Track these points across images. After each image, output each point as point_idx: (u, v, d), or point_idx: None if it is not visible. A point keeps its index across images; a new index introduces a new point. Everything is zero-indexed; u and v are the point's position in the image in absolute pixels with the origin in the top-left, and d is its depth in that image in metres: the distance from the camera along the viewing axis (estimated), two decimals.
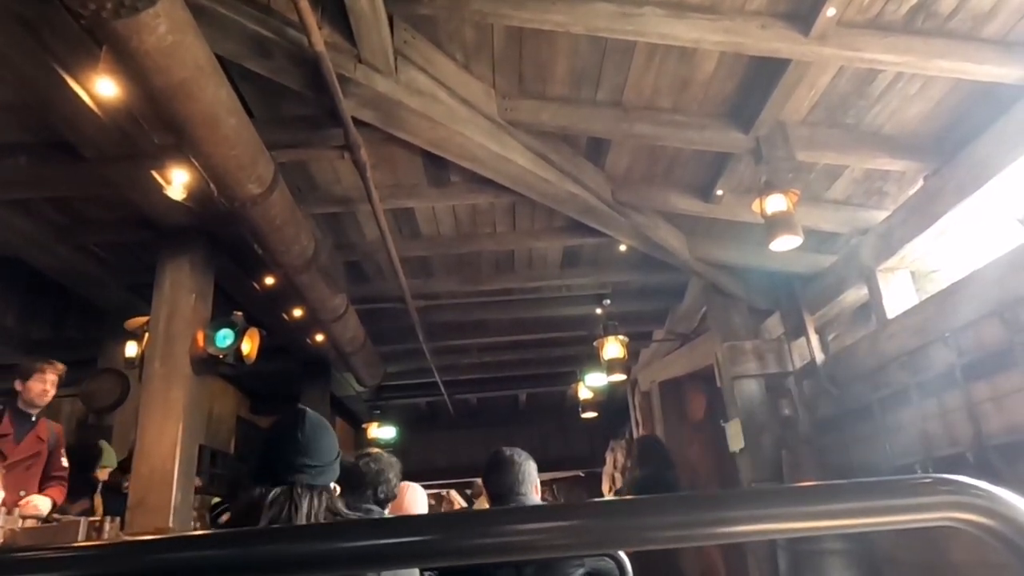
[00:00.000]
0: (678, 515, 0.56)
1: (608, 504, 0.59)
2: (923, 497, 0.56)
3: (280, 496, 1.53)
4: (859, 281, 4.37)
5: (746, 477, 5.21)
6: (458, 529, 0.56)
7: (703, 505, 0.58)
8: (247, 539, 0.57)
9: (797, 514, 0.56)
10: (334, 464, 1.68)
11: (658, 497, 0.57)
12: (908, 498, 0.56)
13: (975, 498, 0.54)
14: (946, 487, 0.55)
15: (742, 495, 0.65)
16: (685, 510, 0.57)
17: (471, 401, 10.20)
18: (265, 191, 3.18)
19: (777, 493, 0.62)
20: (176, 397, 3.71)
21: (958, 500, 0.54)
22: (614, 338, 6.10)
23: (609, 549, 1.83)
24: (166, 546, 0.54)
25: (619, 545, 0.96)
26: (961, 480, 0.55)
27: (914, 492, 0.56)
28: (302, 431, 1.63)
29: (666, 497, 0.58)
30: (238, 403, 8.44)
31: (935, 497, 0.55)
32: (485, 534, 0.55)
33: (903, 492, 0.57)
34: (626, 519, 0.56)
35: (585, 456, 11.33)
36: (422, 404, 10.00)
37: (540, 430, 11.33)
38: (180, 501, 3.57)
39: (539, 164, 3.84)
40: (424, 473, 11.25)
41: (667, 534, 0.58)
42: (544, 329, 7.04)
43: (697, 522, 0.56)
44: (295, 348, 6.59)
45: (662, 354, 7.64)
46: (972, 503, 0.54)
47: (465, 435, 11.31)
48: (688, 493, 0.81)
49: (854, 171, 3.95)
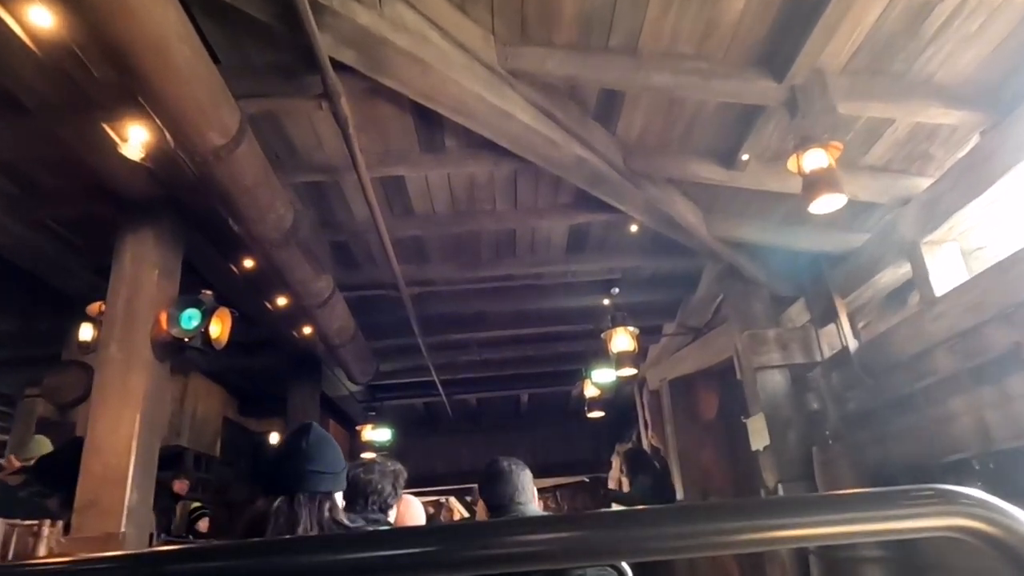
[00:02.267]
0: (677, 526, 0.57)
1: (609, 515, 0.58)
2: (923, 507, 0.56)
3: (282, 505, 1.59)
4: (899, 258, 3.95)
5: (770, 477, 4.76)
6: (459, 540, 0.56)
7: (703, 516, 0.59)
8: (236, 552, 0.57)
9: (797, 525, 0.57)
10: (339, 475, 1.74)
11: (658, 508, 0.59)
12: (908, 509, 0.57)
13: (976, 509, 0.55)
14: (946, 498, 0.56)
15: (742, 506, 0.60)
16: (684, 521, 0.58)
17: (470, 403, 9.75)
18: (230, 142, 2.76)
19: (778, 504, 0.64)
20: (134, 385, 3.28)
21: (959, 511, 0.55)
22: (623, 329, 5.67)
23: (611, 560, 1.72)
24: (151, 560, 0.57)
25: (621, 556, 0.90)
26: (961, 491, 0.56)
27: (914, 503, 0.57)
28: (307, 440, 1.71)
29: (665, 508, 0.58)
30: (224, 404, 8.00)
31: (935, 507, 0.56)
32: (488, 545, 0.55)
33: (903, 503, 0.57)
34: (627, 530, 0.56)
35: (589, 461, 10.87)
36: (419, 406, 9.54)
37: (542, 434, 10.87)
38: (136, 502, 3.13)
39: (543, 122, 3.43)
40: (422, 479, 10.79)
41: (666, 544, 0.58)
42: (547, 322, 6.61)
43: (696, 533, 0.57)
44: (282, 342, 6.16)
45: (672, 350, 7.20)
46: (973, 513, 0.54)
47: (464, 439, 10.86)
48: (688, 504, 0.74)
49: (897, 130, 3.53)
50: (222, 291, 3.97)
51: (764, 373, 4.74)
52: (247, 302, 5.27)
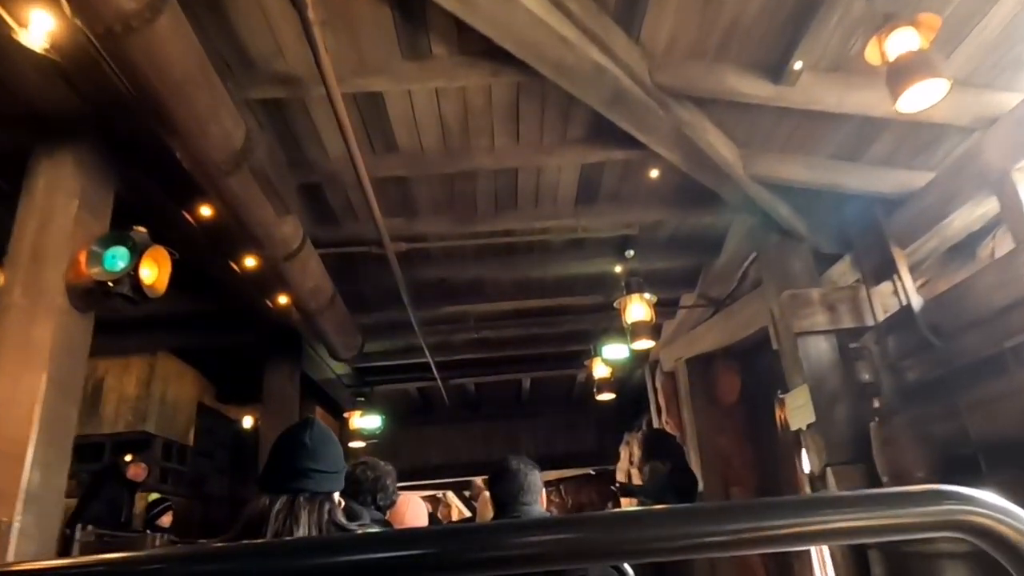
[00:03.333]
0: (681, 527, 0.57)
1: (614, 515, 0.59)
2: (926, 508, 0.57)
3: (283, 506, 1.58)
4: (979, 192, 3.29)
5: (816, 461, 4.09)
6: (478, 540, 0.56)
7: (705, 517, 0.58)
8: (236, 554, 0.57)
9: (799, 525, 0.57)
10: (339, 474, 1.74)
11: (661, 509, 0.59)
12: (911, 508, 0.57)
13: (982, 509, 0.55)
14: (952, 499, 0.56)
15: (744, 507, 0.62)
16: (687, 522, 0.58)
17: (468, 389, 9.08)
18: (144, 7, 2.09)
19: (783, 505, 0.60)
20: (40, 337, 2.61)
21: (965, 511, 0.55)
22: (639, 297, 5.00)
23: (613, 561, 1.63)
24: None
25: (623, 557, 0.93)
26: (967, 492, 0.56)
27: (917, 503, 0.57)
28: (310, 436, 1.70)
29: (669, 509, 0.60)
30: (199, 389, 7.34)
31: (938, 507, 0.56)
32: (524, 545, 0.55)
33: (906, 503, 0.58)
34: (632, 530, 0.57)
35: (595, 452, 10.21)
36: (413, 392, 8.88)
37: (546, 424, 10.21)
38: (39, 484, 2.46)
39: (554, 15, 2.76)
40: (417, 472, 10.14)
41: (669, 545, 0.58)
42: (553, 293, 5.94)
43: (699, 534, 0.57)
44: (256, 316, 5.49)
45: (689, 326, 6.54)
46: (979, 514, 0.55)
47: (462, 429, 10.21)
48: (691, 505, 0.76)
49: (986, 29, 2.86)
50: (182, 251, 3.30)
51: (807, 340, 4.07)
52: (212, 264, 4.61)
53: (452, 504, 12.61)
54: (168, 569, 0.54)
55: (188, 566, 0.53)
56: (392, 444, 10.26)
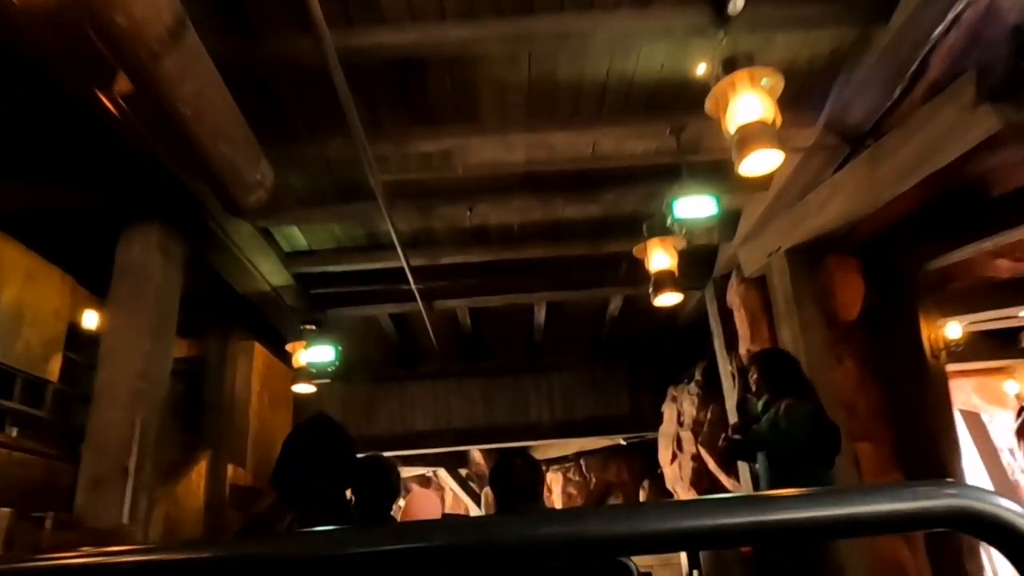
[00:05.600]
0: (678, 518, 0.57)
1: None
2: (927, 502, 0.56)
3: (292, 524, 1.68)
4: None
5: None
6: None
7: (698, 511, 0.58)
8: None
9: (798, 519, 0.56)
10: (349, 474, 1.93)
11: (644, 504, 0.59)
12: (911, 503, 0.56)
13: (979, 502, 0.54)
14: (951, 493, 0.56)
15: (749, 500, 0.60)
16: (666, 516, 0.57)
17: (463, 328, 6.79)
18: None
19: (783, 500, 0.58)
20: None
21: (962, 504, 0.55)
22: (746, 75, 2.74)
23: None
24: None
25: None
26: (965, 485, 0.56)
27: (918, 497, 0.56)
28: (325, 447, 1.84)
29: (658, 504, 0.62)
30: (69, 299, 5.10)
31: (939, 501, 0.56)
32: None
33: (907, 497, 0.57)
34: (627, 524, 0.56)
35: (627, 417, 7.93)
36: (388, 328, 6.59)
37: (564, 381, 7.96)
38: None
39: None
40: (398, 440, 7.90)
41: (659, 537, 0.57)
42: (587, 114, 3.67)
43: (694, 527, 0.56)
44: (90, 136, 3.25)
45: (794, 195, 4.26)
46: (976, 506, 0.54)
47: (456, 387, 7.97)
48: (694, 500, 0.61)
49: None
50: None
51: None
52: None
53: (446, 486, 10.37)
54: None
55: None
56: (367, 404, 8.07)
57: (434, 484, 10.76)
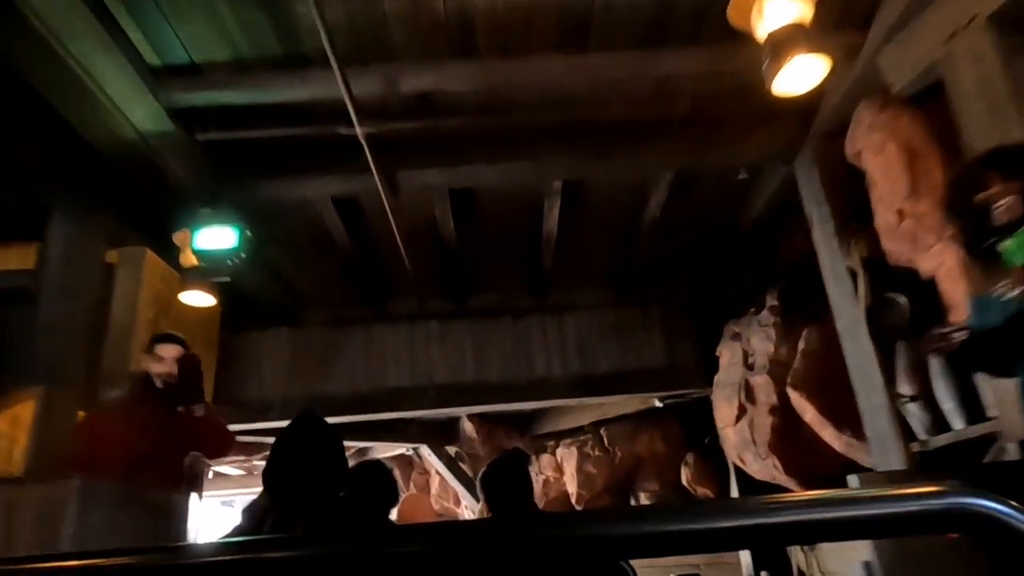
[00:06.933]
0: (672, 522, 0.57)
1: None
2: (929, 503, 0.55)
3: (279, 528, 1.74)
4: None
5: None
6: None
7: (705, 513, 0.58)
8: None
9: (801, 521, 0.56)
10: (340, 473, 1.94)
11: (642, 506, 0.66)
12: (914, 504, 0.55)
13: (982, 505, 0.54)
14: (954, 495, 0.55)
15: (751, 502, 0.59)
16: (680, 518, 0.57)
17: (441, 228, 4.85)
18: None
19: (784, 501, 0.59)
20: None
21: (965, 505, 0.54)
22: None
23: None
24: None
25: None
26: (968, 488, 0.55)
27: (921, 499, 0.55)
28: (319, 454, 1.88)
29: (659, 506, 0.60)
30: None
31: (942, 502, 0.55)
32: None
33: (910, 499, 0.56)
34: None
35: (661, 369, 6.06)
36: (336, 233, 4.69)
37: (578, 321, 6.10)
38: None
39: None
40: (361, 401, 5.99)
41: (660, 539, 0.57)
42: None
43: (697, 530, 0.56)
44: None
45: None
46: (979, 508, 0.54)
47: (440, 331, 6.10)
48: (697, 501, 0.60)
49: None
50: None
51: None
52: None
53: (431, 468, 8.48)
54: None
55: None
56: (322, 355, 6.18)
57: (416, 467, 8.89)
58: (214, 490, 11.24)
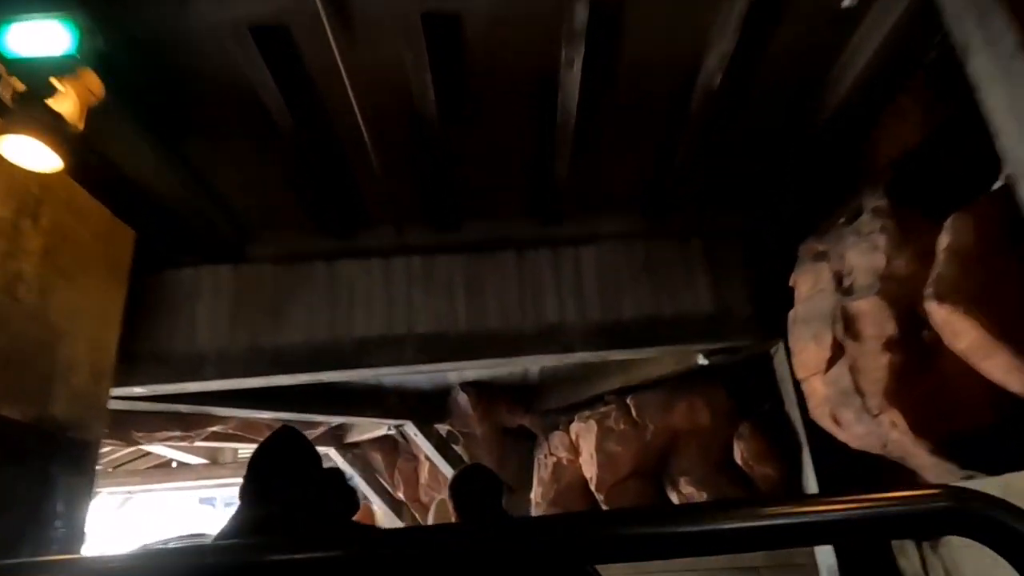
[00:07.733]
0: (674, 524, 0.58)
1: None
2: (930, 505, 0.55)
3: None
4: None
5: None
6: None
7: (707, 515, 0.59)
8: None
9: (802, 522, 0.55)
10: (317, 482, 1.95)
11: (655, 508, 0.64)
12: (915, 506, 0.55)
13: (982, 507, 0.54)
14: (953, 497, 0.54)
15: (753, 503, 0.59)
16: (682, 520, 0.59)
17: (418, 106, 3.58)
18: None
19: (785, 502, 0.59)
20: None
21: (965, 508, 0.54)
22: None
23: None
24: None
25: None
26: (968, 491, 0.54)
27: (922, 502, 0.55)
28: (290, 449, 1.92)
29: (677, 507, 0.64)
30: None
31: (942, 504, 0.55)
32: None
33: (911, 501, 0.55)
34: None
35: (704, 316, 4.72)
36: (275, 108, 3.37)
37: (599, 255, 4.77)
38: None
39: None
40: (323, 355, 4.54)
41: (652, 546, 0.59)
42: None
43: (697, 532, 0.57)
44: None
45: None
46: (978, 511, 0.53)
47: (422, 268, 4.78)
48: (700, 503, 0.59)
49: None
50: None
51: None
52: None
53: (419, 452, 7.16)
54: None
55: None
56: (274, 297, 4.84)
57: (403, 451, 7.56)
58: (177, 481, 9.95)
